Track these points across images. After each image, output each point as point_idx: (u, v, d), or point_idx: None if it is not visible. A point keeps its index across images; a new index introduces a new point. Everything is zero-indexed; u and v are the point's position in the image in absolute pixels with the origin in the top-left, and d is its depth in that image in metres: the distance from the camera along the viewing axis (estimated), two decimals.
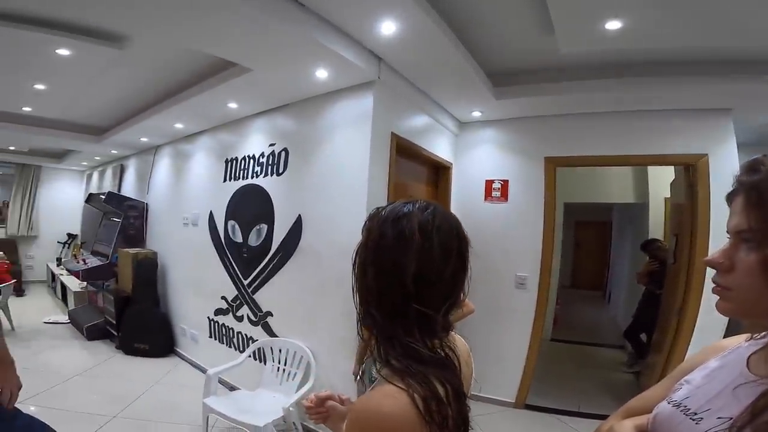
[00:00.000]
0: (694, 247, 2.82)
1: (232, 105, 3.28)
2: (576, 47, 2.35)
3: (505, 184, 3.40)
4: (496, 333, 3.32)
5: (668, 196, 4.25)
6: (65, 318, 5.37)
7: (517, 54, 2.70)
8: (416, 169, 3.31)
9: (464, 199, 3.56)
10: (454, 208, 3.51)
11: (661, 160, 3.25)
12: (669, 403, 0.66)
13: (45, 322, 5.23)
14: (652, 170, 4.89)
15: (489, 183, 3.46)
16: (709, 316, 2.70)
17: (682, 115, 2.89)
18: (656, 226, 4.78)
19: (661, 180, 4.52)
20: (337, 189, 2.68)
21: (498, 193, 3.41)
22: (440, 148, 3.40)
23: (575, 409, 3.31)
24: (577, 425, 3.09)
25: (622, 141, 3.07)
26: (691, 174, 2.92)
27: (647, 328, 4.04)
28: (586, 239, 9.50)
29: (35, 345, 4.32)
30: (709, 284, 2.64)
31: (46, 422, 1.26)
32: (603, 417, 2.83)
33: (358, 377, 2.24)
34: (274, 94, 2.99)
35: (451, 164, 3.61)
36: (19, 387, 1.28)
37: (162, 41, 2.50)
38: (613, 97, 2.83)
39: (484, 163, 3.55)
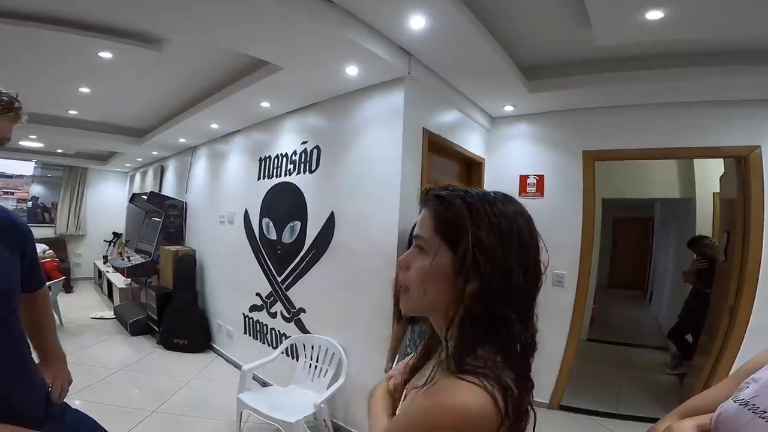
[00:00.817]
0: (747, 244, 2.65)
1: (265, 104, 3.33)
2: (614, 40, 2.25)
3: (540, 179, 3.31)
4: None
5: (717, 190, 4.02)
6: (111, 314, 5.63)
7: (551, 47, 2.61)
8: (448, 165, 3.26)
9: None
10: None
11: (710, 153, 3.08)
12: (735, 401, 0.62)
13: (92, 318, 5.50)
14: (698, 164, 4.64)
15: (523, 178, 3.37)
16: (763, 316, 2.55)
17: (732, 105, 2.72)
18: (704, 222, 4.54)
19: (709, 174, 4.30)
20: (370, 186, 2.68)
21: (533, 189, 3.31)
22: (472, 143, 3.34)
23: (613, 410, 3.20)
24: (614, 427, 2.99)
25: (665, 133, 2.92)
26: (743, 167, 2.75)
27: (694, 329, 3.85)
28: (624, 237, 9.15)
29: (83, 340, 4.54)
30: (764, 283, 2.51)
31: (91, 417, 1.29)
32: (643, 419, 2.73)
33: (391, 367, 2.25)
34: (306, 92, 3.01)
35: (483, 159, 3.54)
36: (70, 382, 1.30)
37: (197, 42, 2.56)
38: (656, 88, 2.69)
39: (517, 158, 3.46)
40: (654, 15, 1.92)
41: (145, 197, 5.22)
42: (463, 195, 0.68)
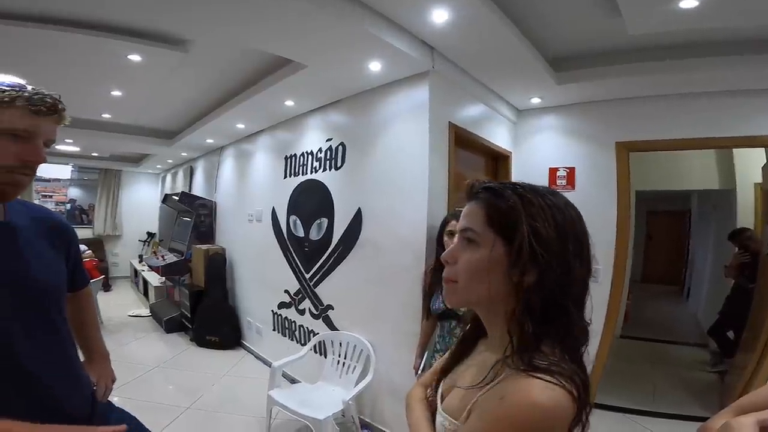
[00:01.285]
0: None
1: (289, 102, 3.36)
2: (646, 29, 2.16)
3: (571, 171, 3.22)
4: None
5: (759, 181, 3.83)
6: (147, 311, 5.82)
7: (578, 37, 2.54)
8: (474, 159, 3.22)
9: None
10: None
11: (749, 142, 2.90)
12: None
13: (129, 316, 5.69)
14: (738, 153, 4.41)
15: (553, 171, 3.29)
16: None
17: None
18: (745, 213, 4.32)
19: (751, 164, 4.08)
20: (397, 181, 2.66)
21: (564, 181, 3.23)
22: (498, 136, 3.28)
23: (649, 408, 3.11)
24: (651, 425, 2.90)
25: (702, 123, 2.80)
26: None
27: (736, 326, 3.67)
28: (659, 230, 8.83)
29: (121, 337, 4.72)
30: None
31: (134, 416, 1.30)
32: (681, 417, 2.62)
33: (419, 371, 2.24)
34: (329, 89, 3.02)
35: (510, 153, 3.48)
36: (114, 380, 1.31)
37: (221, 42, 2.60)
38: (690, 77, 2.58)
39: (546, 151, 3.38)
40: (688, 3, 1.85)
41: (177, 198, 5.36)
42: (514, 187, 0.68)
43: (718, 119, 2.75)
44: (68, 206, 8.16)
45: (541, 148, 3.42)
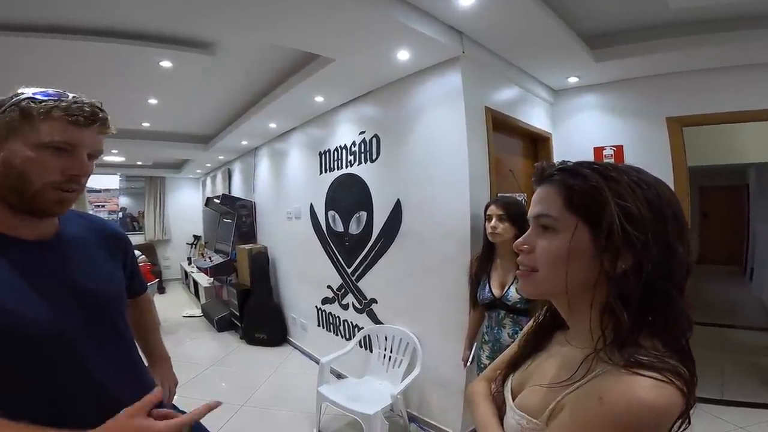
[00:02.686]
0: None
1: (319, 98, 3.36)
2: (689, 3, 2.09)
3: (618, 149, 3.06)
4: None
5: None
6: (199, 311, 6.05)
7: (615, 14, 2.44)
8: (513, 143, 3.11)
9: None
10: None
11: None
12: None
13: (183, 316, 5.94)
14: None
15: (598, 150, 3.14)
16: None
17: None
18: None
19: None
20: (435, 169, 2.60)
21: (611, 160, 3.07)
22: (536, 118, 3.17)
23: (717, 396, 2.92)
24: (721, 413, 2.72)
25: (758, 95, 2.64)
26: None
27: None
28: (714, 207, 8.27)
29: (177, 338, 4.93)
30: None
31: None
32: (755, 405, 2.43)
33: (468, 363, 2.18)
34: (358, 81, 3.00)
35: (550, 134, 3.35)
36: (176, 383, 1.33)
37: (247, 42, 2.62)
38: (741, 48, 2.45)
39: (588, 130, 3.25)
40: None
41: (218, 200, 5.51)
42: (593, 165, 0.61)
43: None
44: (120, 214, 8.59)
45: (582, 127, 3.29)
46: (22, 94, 0.82)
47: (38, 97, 0.81)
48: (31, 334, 0.78)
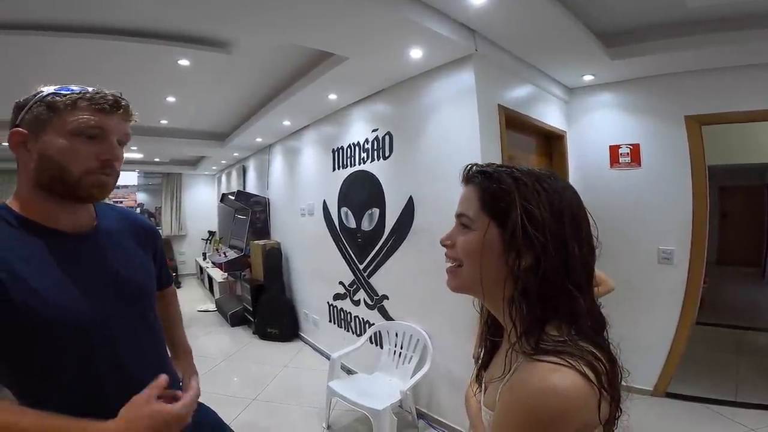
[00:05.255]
0: None
1: (332, 96, 3.38)
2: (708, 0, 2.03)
3: (635, 148, 3.01)
4: (633, 313, 2.91)
5: None
6: (213, 306, 6.14)
7: (630, 12, 2.41)
8: (527, 141, 3.09)
9: (585, 167, 3.24)
10: (574, 178, 3.23)
11: None
12: None
13: (198, 311, 6.04)
14: None
15: (614, 148, 3.09)
16: None
17: None
18: None
19: None
20: (448, 167, 2.60)
21: (627, 159, 3.03)
22: (550, 116, 3.14)
23: (731, 398, 2.87)
24: (733, 415, 2.68)
25: None
26: None
27: None
28: (734, 207, 8.07)
29: (192, 332, 4.98)
30: None
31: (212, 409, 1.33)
32: None
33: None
34: (371, 79, 3.01)
35: (565, 132, 3.31)
36: (197, 375, 1.33)
37: (262, 41, 2.65)
38: (763, 46, 2.38)
39: (604, 128, 3.20)
40: None
41: (233, 196, 5.58)
42: (509, 171, 0.66)
43: None
44: (138, 211, 8.75)
45: (597, 125, 3.25)
46: (44, 91, 0.85)
47: (61, 91, 0.84)
48: (69, 324, 0.81)
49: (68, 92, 0.84)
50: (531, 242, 0.60)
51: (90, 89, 0.87)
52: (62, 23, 2.29)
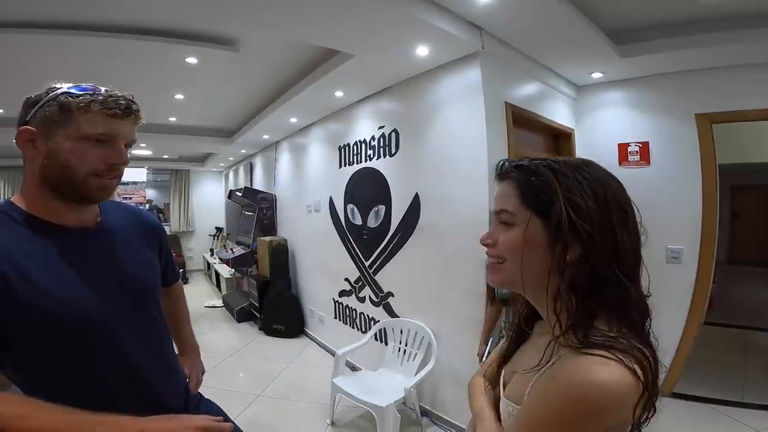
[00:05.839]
0: None
1: (339, 93, 3.38)
2: None
3: (644, 146, 2.98)
4: None
5: None
6: (220, 302, 6.18)
7: (642, 8, 2.37)
8: (534, 139, 3.07)
9: None
10: None
11: None
12: None
13: (205, 307, 6.08)
14: None
15: (623, 147, 3.07)
16: None
17: None
18: None
19: None
20: (455, 164, 2.60)
21: (636, 157, 3.00)
22: (558, 114, 3.12)
23: (737, 399, 2.84)
24: (741, 416, 2.65)
25: None
26: None
27: None
28: (745, 207, 7.96)
29: (199, 328, 5.00)
30: None
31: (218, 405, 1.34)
32: None
33: (484, 358, 2.19)
34: (378, 77, 3.01)
35: (573, 130, 3.29)
36: (203, 372, 1.37)
37: (269, 38, 2.66)
38: None
39: (613, 126, 3.17)
40: None
41: (240, 193, 5.62)
42: (546, 162, 0.65)
43: None
44: (146, 207, 8.82)
45: (606, 123, 3.22)
46: (58, 89, 0.85)
47: (74, 91, 0.84)
48: (74, 318, 0.82)
49: (81, 92, 0.84)
50: (578, 233, 0.59)
51: (102, 90, 0.87)
52: (72, 22, 2.32)
